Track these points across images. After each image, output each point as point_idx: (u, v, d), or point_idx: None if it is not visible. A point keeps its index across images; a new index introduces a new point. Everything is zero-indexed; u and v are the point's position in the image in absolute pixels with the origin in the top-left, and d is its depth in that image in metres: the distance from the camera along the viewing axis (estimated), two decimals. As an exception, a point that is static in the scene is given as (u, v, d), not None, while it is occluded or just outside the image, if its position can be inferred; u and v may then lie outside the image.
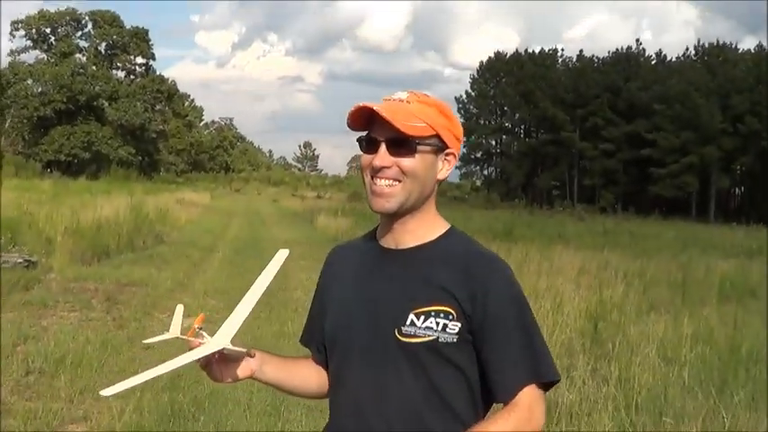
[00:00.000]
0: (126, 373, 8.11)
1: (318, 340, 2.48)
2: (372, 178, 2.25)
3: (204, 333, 2.35)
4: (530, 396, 2.17)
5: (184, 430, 6.42)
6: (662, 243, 30.91)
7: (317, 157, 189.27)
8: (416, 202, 2.28)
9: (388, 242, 2.35)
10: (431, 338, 2.16)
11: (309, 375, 2.49)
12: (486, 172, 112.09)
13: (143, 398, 7.25)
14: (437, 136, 2.25)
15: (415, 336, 2.17)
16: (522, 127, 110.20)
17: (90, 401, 7.23)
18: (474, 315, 2.18)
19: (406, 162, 2.21)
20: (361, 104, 2.21)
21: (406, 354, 2.18)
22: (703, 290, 15.09)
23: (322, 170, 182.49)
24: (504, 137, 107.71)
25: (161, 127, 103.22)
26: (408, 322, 2.17)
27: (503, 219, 36.73)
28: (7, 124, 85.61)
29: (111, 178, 63.49)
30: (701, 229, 47.33)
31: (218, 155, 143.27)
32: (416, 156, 2.22)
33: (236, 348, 2.29)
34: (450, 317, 2.17)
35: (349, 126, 2.28)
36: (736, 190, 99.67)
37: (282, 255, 2.72)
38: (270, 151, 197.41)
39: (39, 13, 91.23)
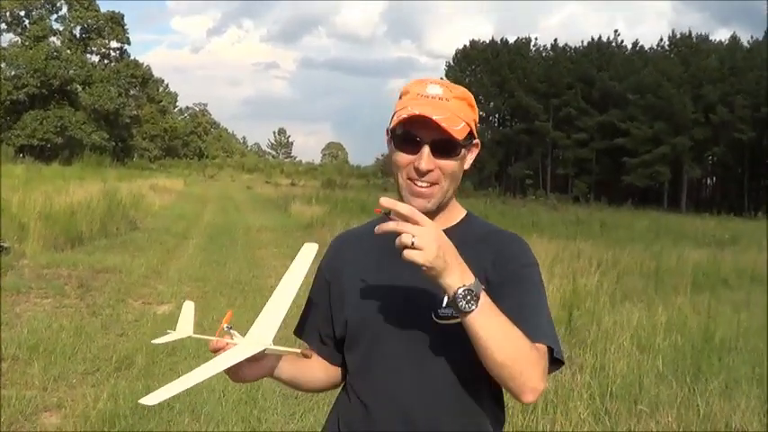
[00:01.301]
0: (100, 361, 8.10)
1: (325, 332, 2.44)
2: (411, 179, 2.20)
3: (235, 332, 2.19)
4: (545, 352, 2.10)
5: (159, 418, 6.38)
6: (634, 233, 31.05)
7: (292, 144, 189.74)
8: (450, 196, 2.28)
9: None
10: None
11: (317, 368, 2.44)
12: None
13: (117, 385, 7.22)
14: (470, 132, 2.24)
15: (452, 317, 2.13)
16: (497, 116, 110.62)
17: (64, 389, 7.18)
18: (495, 277, 2.19)
19: (449, 165, 2.19)
20: (416, 112, 2.13)
21: (444, 336, 2.16)
22: (676, 279, 15.16)
23: (296, 157, 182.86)
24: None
25: (135, 112, 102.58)
26: (444, 304, 2.12)
27: (476, 208, 36.63)
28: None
29: (85, 164, 62.80)
30: (673, 219, 47.55)
31: (192, 141, 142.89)
32: (459, 157, 2.21)
33: (284, 348, 2.14)
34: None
35: (391, 128, 2.22)
36: (708, 180, 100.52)
37: (310, 249, 2.50)
38: (244, 138, 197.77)
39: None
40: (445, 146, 2.17)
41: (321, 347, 2.45)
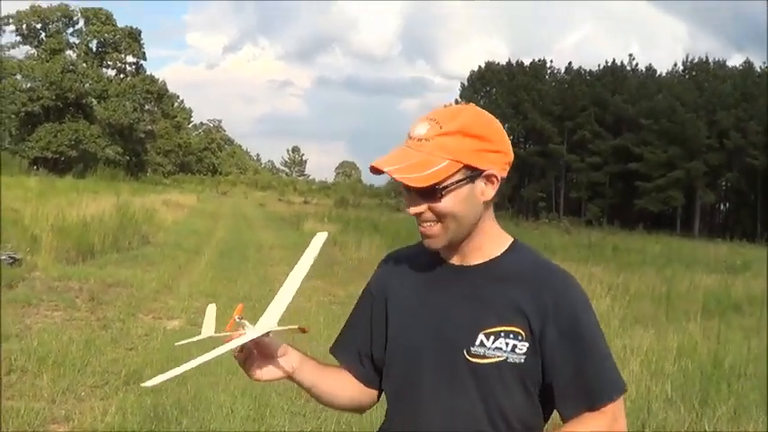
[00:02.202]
0: (109, 374, 8.11)
1: (364, 351, 2.39)
2: (417, 219, 2.15)
3: (246, 323, 2.21)
4: (618, 406, 2.11)
5: (167, 432, 6.39)
6: (647, 257, 30.98)
7: (305, 162, 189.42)
8: (466, 231, 2.18)
9: (453, 258, 2.25)
10: (500, 359, 2.10)
11: (342, 386, 2.39)
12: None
13: (126, 399, 7.22)
14: (466, 166, 2.11)
15: (484, 356, 2.11)
16: (511, 138, 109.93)
17: (72, 401, 7.19)
18: (545, 332, 2.10)
19: (438, 206, 2.10)
20: (372, 164, 2.11)
21: (474, 375, 2.12)
22: (687, 304, 15.13)
23: (309, 175, 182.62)
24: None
25: (149, 127, 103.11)
26: (478, 343, 2.11)
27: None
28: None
29: (98, 177, 63.21)
30: (686, 244, 47.45)
31: (206, 157, 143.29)
32: (446, 197, 2.10)
33: (284, 327, 2.20)
34: (520, 337, 2.10)
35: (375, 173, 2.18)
36: (721, 206, 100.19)
37: (321, 238, 2.52)
38: (258, 155, 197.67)
39: (30, 8, 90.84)
40: (423, 190, 2.09)
41: (359, 368, 2.41)
